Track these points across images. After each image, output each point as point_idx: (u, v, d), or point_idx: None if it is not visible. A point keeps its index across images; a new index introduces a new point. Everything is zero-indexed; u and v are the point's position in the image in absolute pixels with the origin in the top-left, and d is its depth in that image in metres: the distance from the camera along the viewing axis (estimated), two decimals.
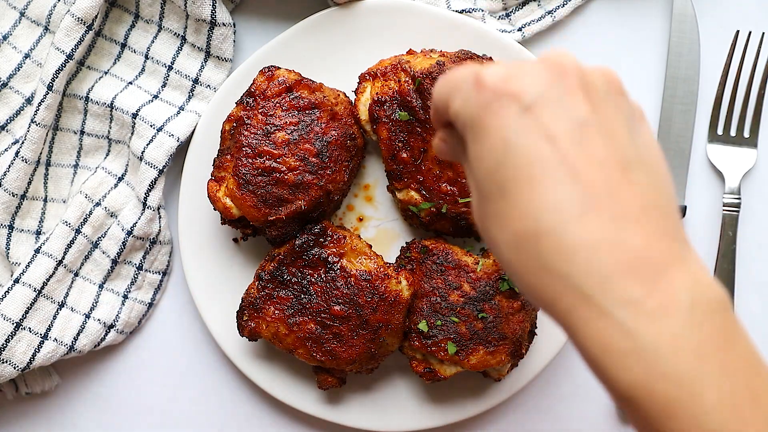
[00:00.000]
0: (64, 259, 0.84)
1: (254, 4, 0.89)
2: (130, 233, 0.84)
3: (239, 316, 0.81)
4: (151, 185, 0.84)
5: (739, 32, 0.87)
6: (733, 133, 0.88)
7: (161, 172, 0.84)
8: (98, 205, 0.85)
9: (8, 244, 0.84)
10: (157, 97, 0.86)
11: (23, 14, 0.86)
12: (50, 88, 0.82)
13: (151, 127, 0.84)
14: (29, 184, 0.85)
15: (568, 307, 0.44)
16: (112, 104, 0.85)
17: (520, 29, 0.87)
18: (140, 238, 0.85)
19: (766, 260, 0.89)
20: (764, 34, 0.87)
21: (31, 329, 0.82)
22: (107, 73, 0.87)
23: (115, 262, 0.86)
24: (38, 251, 0.83)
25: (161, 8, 0.86)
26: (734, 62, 0.88)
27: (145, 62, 0.87)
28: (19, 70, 0.85)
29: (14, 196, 0.83)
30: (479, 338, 0.78)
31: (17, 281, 0.82)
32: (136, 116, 0.84)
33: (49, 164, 0.87)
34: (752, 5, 0.89)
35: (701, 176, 0.89)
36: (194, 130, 0.85)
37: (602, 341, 0.43)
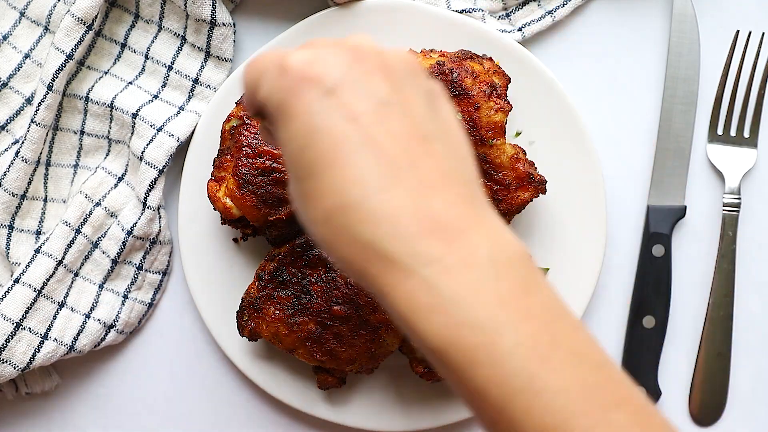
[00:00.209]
0: (64, 259, 0.84)
1: (254, 4, 0.89)
2: (130, 233, 0.84)
3: (239, 316, 0.81)
4: (151, 185, 0.84)
5: (739, 32, 0.87)
6: (733, 133, 0.88)
7: (161, 172, 0.84)
8: (98, 205, 0.85)
9: (8, 244, 0.84)
10: (157, 97, 0.86)
11: (23, 14, 0.86)
12: (50, 88, 0.82)
13: (151, 127, 0.84)
14: (29, 184, 0.85)
15: (377, 272, 0.47)
16: (112, 104, 0.85)
17: (520, 29, 0.87)
18: (140, 238, 0.85)
19: (766, 260, 0.89)
20: (764, 34, 0.88)
21: (31, 329, 0.82)
22: (107, 73, 0.87)
23: (115, 262, 0.86)
24: (38, 251, 0.83)
25: (161, 8, 0.86)
26: (734, 62, 0.88)
27: (145, 62, 0.87)
28: (19, 70, 0.85)
29: (14, 196, 0.83)
30: None
31: (17, 281, 0.82)
32: (136, 116, 0.84)
33: (49, 164, 0.87)
34: (752, 5, 0.89)
35: (701, 176, 0.89)
36: (194, 130, 0.85)
37: (409, 300, 0.46)
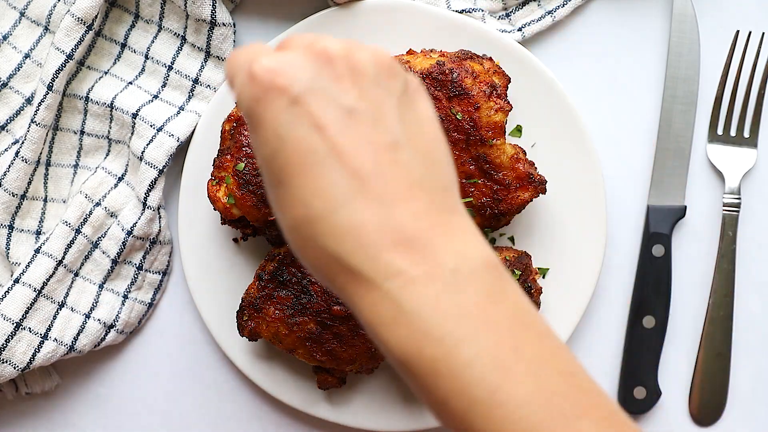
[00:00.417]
0: (64, 259, 0.83)
1: (254, 4, 0.89)
2: (130, 233, 0.84)
3: (239, 316, 0.81)
4: (151, 185, 0.84)
5: (739, 32, 0.87)
6: (733, 133, 0.88)
7: (161, 172, 0.84)
8: (98, 205, 0.85)
9: (8, 244, 0.84)
10: (157, 97, 0.86)
11: (23, 14, 0.86)
12: (50, 88, 0.82)
13: (151, 127, 0.84)
14: (29, 184, 0.85)
15: (343, 284, 0.47)
16: (112, 104, 0.85)
17: (520, 29, 0.87)
18: (140, 238, 0.85)
19: (766, 260, 0.89)
20: (764, 34, 0.87)
21: (31, 329, 0.82)
22: (107, 73, 0.87)
23: (115, 262, 0.86)
24: (38, 251, 0.83)
25: (161, 8, 0.86)
26: (734, 62, 0.88)
27: (145, 62, 0.87)
28: (19, 70, 0.85)
29: (14, 196, 0.83)
30: None
31: (17, 281, 0.82)
32: (136, 116, 0.84)
33: (49, 164, 0.87)
34: (752, 5, 0.89)
35: (701, 176, 0.89)
36: (194, 130, 0.85)
37: (375, 312, 0.47)
